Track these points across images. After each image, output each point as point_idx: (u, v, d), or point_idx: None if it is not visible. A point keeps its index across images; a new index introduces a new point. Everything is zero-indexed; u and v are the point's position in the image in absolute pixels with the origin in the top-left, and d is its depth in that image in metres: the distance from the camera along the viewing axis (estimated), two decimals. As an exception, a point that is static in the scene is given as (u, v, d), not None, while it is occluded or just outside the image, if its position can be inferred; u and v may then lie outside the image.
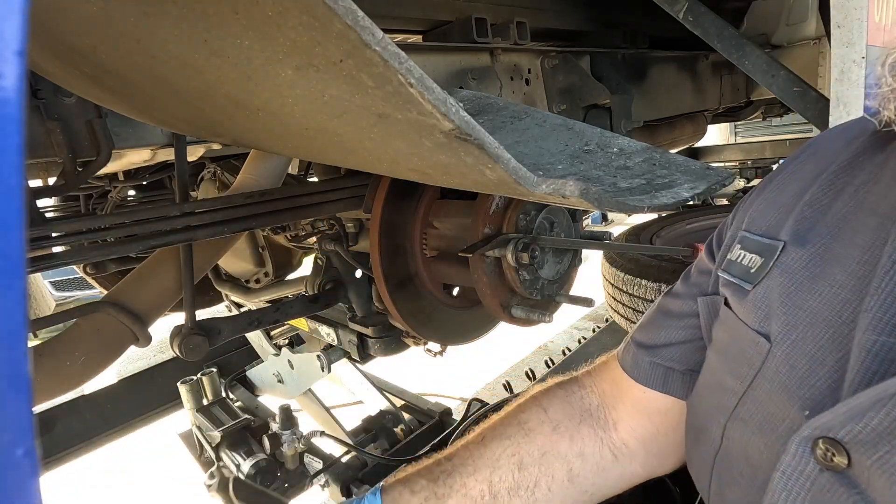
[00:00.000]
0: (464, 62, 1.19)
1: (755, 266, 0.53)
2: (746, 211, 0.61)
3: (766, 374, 0.47)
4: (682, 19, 1.28)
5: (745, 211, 0.62)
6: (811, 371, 0.43)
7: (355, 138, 0.53)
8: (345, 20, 0.29)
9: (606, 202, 0.59)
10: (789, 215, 0.53)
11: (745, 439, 0.48)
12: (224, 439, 2.04)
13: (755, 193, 0.63)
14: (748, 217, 0.59)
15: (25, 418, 0.20)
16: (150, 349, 2.69)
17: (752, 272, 0.53)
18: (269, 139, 0.74)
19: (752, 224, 0.58)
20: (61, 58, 0.62)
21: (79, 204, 2.09)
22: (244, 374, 2.64)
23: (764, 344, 0.48)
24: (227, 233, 1.10)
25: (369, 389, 2.36)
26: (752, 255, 0.54)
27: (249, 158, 1.35)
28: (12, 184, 0.19)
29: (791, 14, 1.99)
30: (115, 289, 1.22)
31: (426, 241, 1.31)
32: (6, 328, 0.19)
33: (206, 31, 0.38)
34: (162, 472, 3.37)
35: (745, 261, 0.55)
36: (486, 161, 0.44)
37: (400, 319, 1.30)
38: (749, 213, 0.60)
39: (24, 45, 0.19)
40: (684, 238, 2.72)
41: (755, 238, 0.56)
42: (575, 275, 1.30)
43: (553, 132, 0.85)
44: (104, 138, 0.86)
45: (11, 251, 0.19)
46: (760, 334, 0.48)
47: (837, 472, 0.37)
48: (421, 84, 0.34)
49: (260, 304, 1.94)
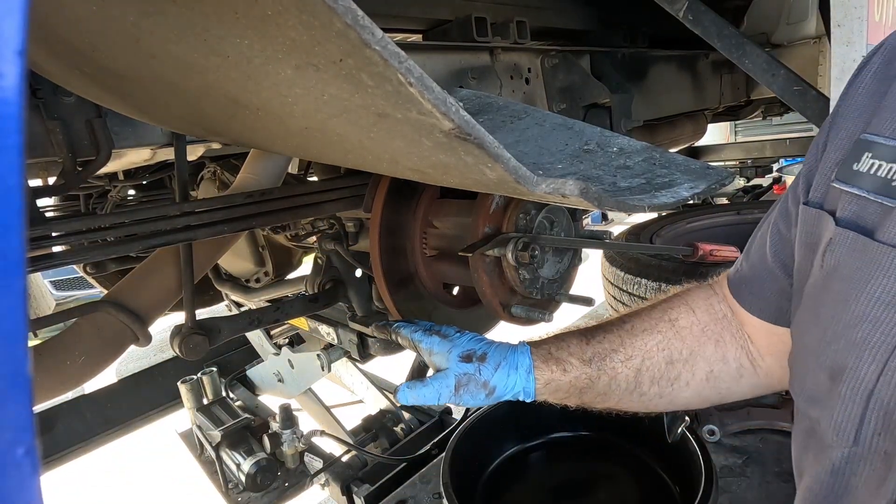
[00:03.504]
0: (464, 61, 1.19)
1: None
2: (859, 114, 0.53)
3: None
4: (682, 18, 1.28)
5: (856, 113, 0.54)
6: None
7: (355, 138, 0.53)
8: (344, 19, 0.29)
9: (606, 201, 0.59)
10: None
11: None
12: (224, 438, 2.04)
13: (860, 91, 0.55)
14: (873, 119, 0.51)
15: (26, 417, 0.20)
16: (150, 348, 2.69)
17: (895, 185, 0.45)
18: (268, 138, 0.74)
19: (882, 126, 0.49)
20: (61, 57, 0.62)
21: (79, 203, 2.09)
22: (244, 374, 2.63)
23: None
24: (227, 232, 1.10)
25: (369, 388, 2.36)
26: (892, 164, 0.46)
27: (249, 158, 1.35)
28: (12, 183, 0.19)
29: (791, 13, 1.99)
30: (116, 288, 1.22)
31: (426, 241, 1.31)
32: (6, 328, 0.19)
33: (205, 31, 0.38)
34: (162, 472, 3.37)
35: (882, 171, 0.46)
36: (485, 160, 0.44)
37: (400, 319, 1.30)
38: (863, 115, 0.52)
39: (24, 44, 0.19)
40: (684, 237, 2.72)
41: (890, 143, 0.47)
42: (575, 274, 1.30)
43: (553, 131, 0.85)
44: (104, 138, 0.86)
45: (11, 251, 0.19)
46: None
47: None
48: (420, 83, 0.34)
49: (260, 304, 1.94)
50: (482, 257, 1.10)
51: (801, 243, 0.57)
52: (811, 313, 0.54)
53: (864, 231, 0.47)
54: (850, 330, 0.47)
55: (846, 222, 0.49)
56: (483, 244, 1.08)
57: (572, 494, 1.10)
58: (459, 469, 0.99)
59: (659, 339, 0.71)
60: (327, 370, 1.93)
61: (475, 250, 1.08)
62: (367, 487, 1.63)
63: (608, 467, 1.12)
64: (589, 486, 1.11)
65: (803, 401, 0.56)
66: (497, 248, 1.07)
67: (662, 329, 0.72)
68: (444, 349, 0.72)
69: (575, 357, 0.70)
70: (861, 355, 0.46)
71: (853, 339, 0.47)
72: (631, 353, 0.70)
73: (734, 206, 3.18)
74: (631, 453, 1.11)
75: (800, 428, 0.59)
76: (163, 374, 2.66)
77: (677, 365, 0.71)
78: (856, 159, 0.49)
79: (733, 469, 1.18)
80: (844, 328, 0.48)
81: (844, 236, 0.48)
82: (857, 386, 0.46)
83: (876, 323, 0.45)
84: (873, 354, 0.45)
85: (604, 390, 0.71)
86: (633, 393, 0.71)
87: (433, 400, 0.68)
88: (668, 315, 0.73)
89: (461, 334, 0.74)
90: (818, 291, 0.53)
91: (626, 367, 0.70)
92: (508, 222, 1.13)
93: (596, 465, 1.13)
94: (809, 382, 0.55)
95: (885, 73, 0.52)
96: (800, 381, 0.57)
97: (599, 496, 1.09)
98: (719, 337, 0.71)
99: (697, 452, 0.93)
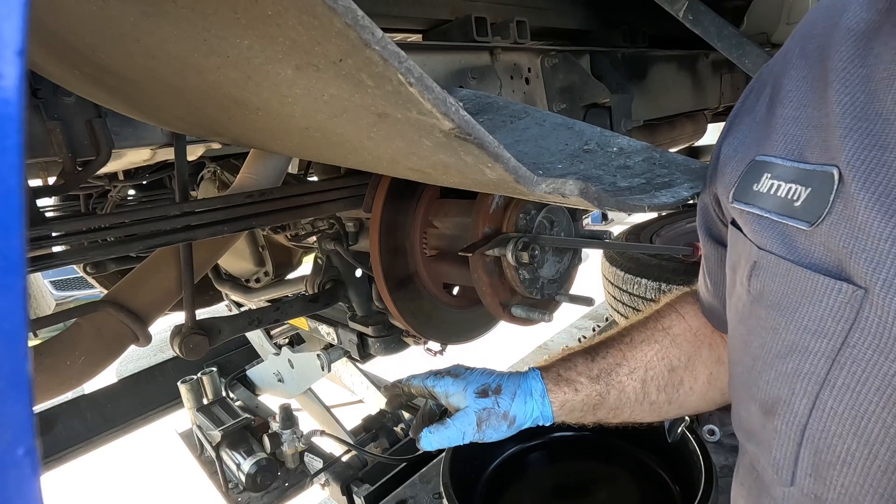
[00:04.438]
0: (464, 61, 1.19)
1: (800, 198, 0.44)
2: (750, 130, 0.53)
3: (867, 326, 0.39)
4: (682, 18, 1.28)
5: (748, 130, 0.54)
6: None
7: (355, 137, 0.53)
8: (344, 19, 0.29)
9: (606, 201, 0.59)
10: (825, 131, 0.43)
11: (856, 411, 0.40)
12: (224, 438, 2.04)
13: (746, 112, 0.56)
14: (766, 140, 0.50)
15: (26, 418, 0.20)
16: (150, 348, 2.69)
17: (799, 206, 0.43)
18: (268, 138, 0.74)
19: (775, 147, 0.49)
20: (61, 57, 0.62)
21: (79, 203, 2.09)
22: (244, 374, 2.64)
23: (848, 290, 0.40)
24: (226, 232, 1.10)
25: (369, 388, 2.36)
26: (791, 184, 0.45)
27: (249, 158, 1.35)
28: (12, 184, 0.19)
29: (791, 13, 1.99)
30: (116, 288, 1.22)
31: (426, 241, 1.31)
32: (6, 328, 0.19)
33: (205, 31, 0.38)
34: (162, 472, 3.37)
35: (782, 192, 0.45)
36: (485, 160, 0.44)
37: (400, 319, 1.30)
38: (756, 134, 0.52)
39: (23, 44, 0.19)
40: (684, 237, 2.72)
41: (788, 164, 0.46)
42: (575, 274, 1.30)
43: (553, 131, 0.85)
44: (104, 138, 0.86)
45: (11, 251, 0.19)
46: (839, 279, 0.40)
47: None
48: (420, 83, 0.34)
49: (260, 304, 1.94)
50: (482, 257, 1.10)
51: (728, 266, 0.57)
52: (741, 341, 0.53)
53: (783, 256, 0.45)
54: (781, 361, 0.46)
55: (764, 245, 0.48)
56: (483, 244, 1.08)
57: (572, 494, 1.10)
58: (459, 469, 0.99)
59: (657, 349, 0.72)
60: (327, 370, 1.93)
61: (475, 250, 1.08)
62: (368, 487, 1.63)
63: (608, 467, 1.12)
64: (589, 486, 1.11)
65: (741, 434, 0.56)
66: (497, 248, 1.07)
67: (658, 339, 0.73)
68: (459, 388, 0.72)
69: (583, 376, 0.72)
70: (794, 387, 0.44)
71: (784, 371, 0.45)
72: (634, 365, 0.72)
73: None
74: (631, 453, 1.11)
75: (741, 464, 0.59)
76: (163, 374, 2.67)
77: (679, 371, 0.72)
78: (755, 180, 0.49)
79: (733, 469, 1.18)
80: (774, 358, 0.46)
81: (768, 260, 0.47)
82: (792, 420, 0.45)
83: (805, 353, 0.43)
84: (804, 387, 0.43)
85: (615, 404, 0.72)
86: (643, 403, 0.73)
87: (457, 440, 0.68)
88: (661, 324, 0.75)
89: (470, 371, 0.74)
90: (746, 318, 0.52)
91: (631, 380, 0.72)
92: (508, 222, 1.13)
93: (596, 465, 1.13)
94: (744, 415, 0.54)
95: (773, 97, 0.52)
96: (736, 414, 0.57)
97: (599, 496, 1.09)
98: (711, 340, 0.73)
99: (697, 452, 0.93)
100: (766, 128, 0.51)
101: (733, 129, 0.58)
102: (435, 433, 0.69)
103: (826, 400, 0.42)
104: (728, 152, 0.56)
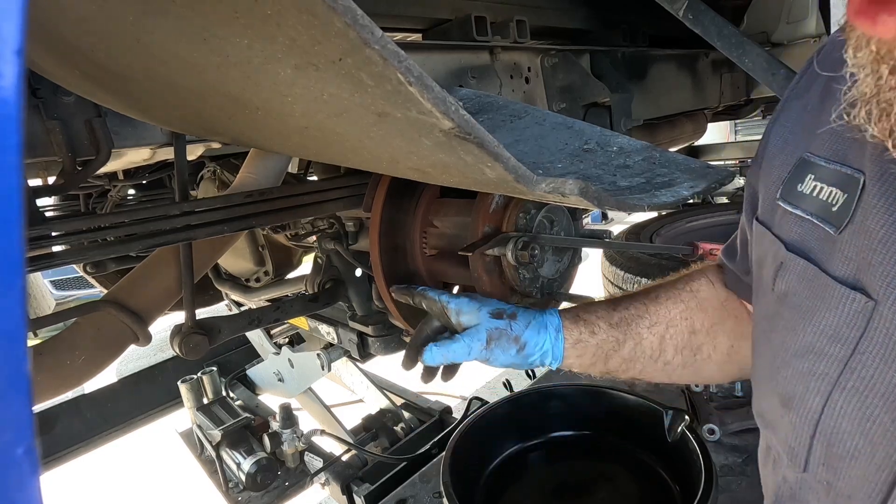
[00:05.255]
0: (463, 61, 1.19)
1: (837, 203, 0.43)
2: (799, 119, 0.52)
3: (875, 337, 0.40)
4: (682, 17, 1.28)
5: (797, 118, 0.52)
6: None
7: (355, 137, 0.53)
8: (344, 18, 0.29)
9: (606, 201, 0.58)
10: None
11: (863, 412, 0.42)
12: (224, 438, 2.04)
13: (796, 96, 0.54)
14: (814, 136, 0.49)
15: (25, 417, 0.20)
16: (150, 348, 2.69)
17: (835, 211, 0.44)
18: (268, 138, 0.74)
19: (822, 146, 0.47)
20: (60, 57, 0.62)
21: (78, 203, 2.09)
22: (244, 373, 2.64)
23: (861, 300, 0.41)
24: (226, 232, 1.10)
25: (369, 388, 2.36)
26: (832, 188, 0.44)
27: (249, 157, 1.35)
28: (12, 183, 0.19)
29: (791, 12, 1.99)
30: (115, 288, 1.22)
31: (426, 240, 1.31)
32: (6, 328, 0.19)
33: (205, 30, 0.38)
34: (162, 472, 3.37)
35: (824, 195, 0.45)
36: (485, 160, 0.44)
37: (400, 318, 1.30)
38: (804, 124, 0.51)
39: (22, 44, 0.19)
40: (684, 237, 2.72)
41: (830, 166, 0.45)
42: (575, 273, 1.30)
43: (553, 131, 0.85)
44: (104, 137, 0.86)
45: (11, 251, 0.19)
46: (856, 289, 0.42)
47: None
48: (420, 83, 0.34)
49: (260, 303, 1.94)
50: (482, 257, 1.09)
51: (754, 260, 0.58)
52: (765, 336, 0.55)
53: (813, 260, 0.47)
54: (798, 360, 0.48)
55: (795, 247, 0.49)
56: (483, 243, 1.08)
57: (572, 494, 1.10)
58: (459, 468, 0.99)
59: (682, 308, 0.72)
60: (327, 370, 1.93)
61: (475, 250, 1.08)
62: (368, 487, 1.63)
63: (608, 467, 1.12)
64: (589, 486, 1.11)
65: (761, 421, 0.57)
66: (497, 248, 1.07)
67: (685, 299, 0.73)
68: (474, 308, 0.71)
69: (602, 320, 0.71)
70: (808, 385, 0.47)
71: (800, 369, 0.48)
72: (656, 319, 0.72)
73: (734, 205, 3.18)
74: (631, 453, 1.11)
75: (762, 444, 0.60)
76: (163, 373, 2.67)
77: (699, 335, 0.72)
78: (800, 180, 0.49)
79: (733, 468, 1.18)
80: (792, 357, 0.49)
81: (795, 263, 0.48)
82: (805, 415, 0.47)
83: (820, 355, 0.45)
84: (818, 386, 0.46)
85: (629, 356, 0.71)
86: (657, 361, 0.72)
87: (463, 356, 0.67)
88: (690, 286, 0.74)
89: (487, 298, 0.74)
90: (771, 315, 0.53)
91: (651, 334, 0.71)
92: (508, 222, 1.13)
93: (596, 465, 1.13)
94: (764, 404, 0.56)
95: (828, 86, 0.50)
96: (757, 401, 0.58)
97: (599, 496, 1.09)
98: (738, 313, 0.72)
99: (697, 452, 0.93)
100: (816, 121, 0.50)
101: (783, 114, 0.56)
102: (441, 346, 0.67)
103: (837, 400, 0.44)
104: (777, 143, 0.56)
